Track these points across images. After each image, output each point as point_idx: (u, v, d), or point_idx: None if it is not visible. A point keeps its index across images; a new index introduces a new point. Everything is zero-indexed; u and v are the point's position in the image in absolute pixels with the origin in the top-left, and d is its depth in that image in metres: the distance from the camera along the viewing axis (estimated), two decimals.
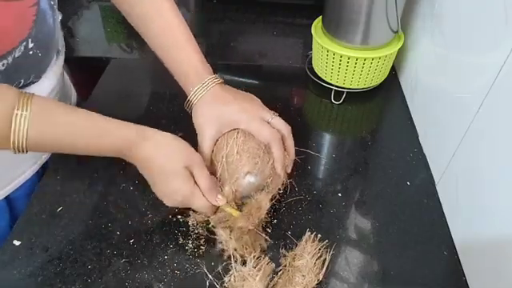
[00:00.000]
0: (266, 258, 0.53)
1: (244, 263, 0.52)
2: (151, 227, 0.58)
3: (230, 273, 0.51)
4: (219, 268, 0.53)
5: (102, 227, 0.58)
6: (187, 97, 0.60)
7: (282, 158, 0.57)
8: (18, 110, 0.44)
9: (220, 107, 0.57)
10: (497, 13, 0.50)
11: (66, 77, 0.77)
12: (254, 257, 0.52)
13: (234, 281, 0.50)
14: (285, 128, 0.59)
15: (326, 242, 0.56)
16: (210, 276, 0.52)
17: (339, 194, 0.64)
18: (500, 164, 0.49)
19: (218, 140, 0.58)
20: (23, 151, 0.46)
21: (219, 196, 0.55)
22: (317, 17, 0.82)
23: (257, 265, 0.51)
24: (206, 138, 0.57)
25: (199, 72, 0.59)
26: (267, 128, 0.57)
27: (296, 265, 0.52)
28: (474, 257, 0.53)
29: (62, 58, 0.68)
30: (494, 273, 0.49)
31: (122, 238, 0.57)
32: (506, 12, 0.48)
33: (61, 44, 0.67)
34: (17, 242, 0.56)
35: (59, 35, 0.65)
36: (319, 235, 0.57)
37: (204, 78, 0.58)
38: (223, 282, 0.51)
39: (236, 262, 0.52)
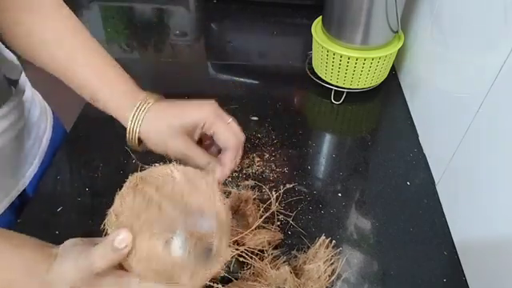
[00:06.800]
0: (283, 257, 0.53)
1: (262, 259, 0.52)
2: None
3: (247, 267, 0.51)
4: None
5: (102, 227, 0.58)
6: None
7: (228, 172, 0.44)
8: None
9: (171, 111, 0.45)
10: (496, 13, 0.50)
11: (39, 99, 0.68)
12: (271, 254, 0.52)
13: (249, 274, 0.50)
14: (242, 136, 0.46)
15: (339, 249, 0.56)
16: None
17: (339, 194, 0.64)
18: (500, 164, 0.49)
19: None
20: None
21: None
22: (317, 17, 0.82)
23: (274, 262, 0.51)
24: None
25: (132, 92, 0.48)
26: (233, 131, 0.45)
27: (306, 268, 0.51)
28: (474, 257, 0.53)
29: (22, 87, 0.60)
30: (494, 273, 0.49)
31: None
32: (506, 12, 0.48)
33: (14, 72, 0.58)
34: None
35: (10, 66, 0.57)
36: (334, 241, 0.56)
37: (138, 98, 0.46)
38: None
39: (252, 257, 0.51)
